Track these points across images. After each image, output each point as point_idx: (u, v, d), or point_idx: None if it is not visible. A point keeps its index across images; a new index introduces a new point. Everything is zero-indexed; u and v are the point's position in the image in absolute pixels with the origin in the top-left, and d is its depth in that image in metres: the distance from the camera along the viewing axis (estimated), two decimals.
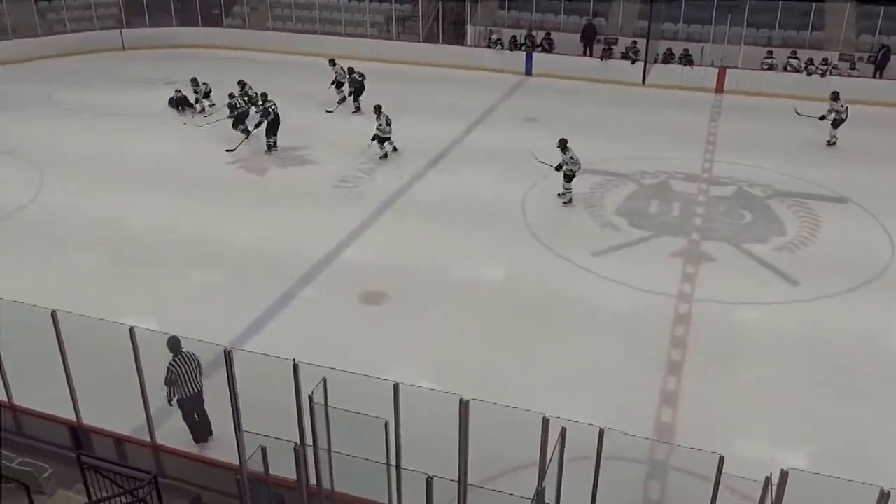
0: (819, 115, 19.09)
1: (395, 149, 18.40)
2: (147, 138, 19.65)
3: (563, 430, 6.27)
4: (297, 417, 6.94)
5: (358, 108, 21.94)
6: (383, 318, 11.80)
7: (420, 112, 21.58)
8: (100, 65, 27.24)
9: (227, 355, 7.05)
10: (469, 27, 27.66)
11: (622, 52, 25.42)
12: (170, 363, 8.61)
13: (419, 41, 27.82)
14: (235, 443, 6.96)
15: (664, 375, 10.44)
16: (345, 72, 22.43)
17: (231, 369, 7.10)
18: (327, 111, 21.73)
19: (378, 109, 18.28)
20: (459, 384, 7.25)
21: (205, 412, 8.94)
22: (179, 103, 21.68)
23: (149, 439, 8.45)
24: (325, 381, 6.80)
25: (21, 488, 6.61)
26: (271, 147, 18.66)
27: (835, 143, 19.08)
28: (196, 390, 8.77)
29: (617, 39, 25.90)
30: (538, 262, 13.49)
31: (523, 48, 26.22)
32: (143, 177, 17.22)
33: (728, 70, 24.15)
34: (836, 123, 19.02)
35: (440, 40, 27.58)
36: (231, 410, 7.24)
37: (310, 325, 11.51)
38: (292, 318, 11.74)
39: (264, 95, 19.11)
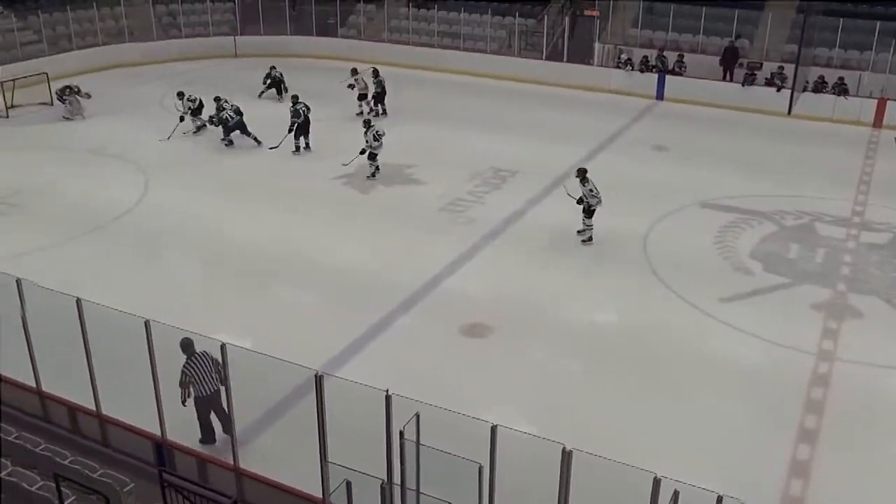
0: None
1: (378, 168, 18.46)
2: (254, 148, 20.49)
3: (676, 494, 6.10)
4: (385, 452, 7.01)
5: (384, 112, 22.91)
6: (484, 353, 11.81)
7: (539, 134, 21.65)
8: (212, 71, 28.69)
9: (318, 380, 7.22)
10: (597, 45, 27.60)
11: (767, 78, 24.76)
12: (183, 365, 9.01)
13: (542, 58, 27.95)
14: (320, 473, 7.08)
15: (795, 443, 9.99)
16: (366, 82, 23.05)
17: (321, 395, 7.25)
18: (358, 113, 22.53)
19: (367, 123, 18.64)
20: (561, 431, 7.15)
21: (223, 411, 9.13)
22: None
23: (232, 462, 8.73)
24: (418, 416, 6.85)
25: (101, 500, 6.94)
26: (301, 149, 19.62)
27: None
28: (213, 389, 9.07)
29: (761, 64, 25.25)
30: (658, 304, 13.21)
31: (655, 70, 25.93)
32: (246, 187, 17.95)
33: (889, 102, 23.11)
34: None
35: (565, 58, 27.62)
36: (318, 439, 7.39)
37: (406, 355, 11.64)
38: (388, 345, 11.92)
39: (295, 97, 20.13)
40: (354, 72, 23.45)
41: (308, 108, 20.00)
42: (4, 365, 10.16)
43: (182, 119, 21.31)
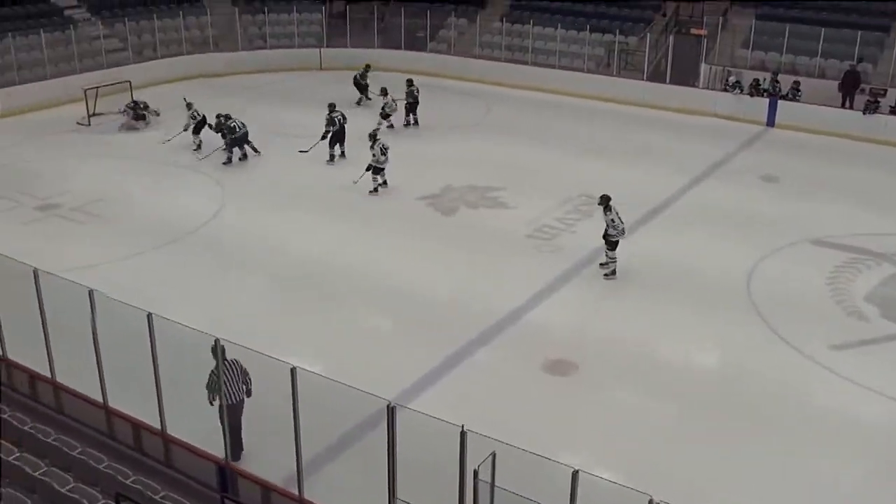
0: None
1: (384, 183, 18.74)
2: (324, 162, 20.82)
3: None
4: (458, 492, 6.97)
5: (416, 123, 23.63)
6: (567, 393, 11.66)
7: (636, 160, 21.41)
8: (296, 83, 29.41)
9: (391, 411, 7.23)
10: (703, 66, 27.21)
11: (891, 106, 23.97)
12: (213, 370, 9.27)
13: (643, 79, 27.70)
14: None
15: None
16: (394, 103, 23.32)
17: (392, 427, 7.26)
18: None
19: (373, 136, 18.81)
20: (647, 481, 6.97)
21: (240, 426, 9.48)
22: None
23: (297, 492, 8.80)
24: (494, 455, 6.79)
25: None
26: (335, 157, 20.29)
27: None
28: (238, 399, 9.40)
29: (885, 90, 24.47)
30: (761, 348, 12.83)
31: (766, 94, 25.40)
32: (324, 204, 18.26)
33: None
34: None
35: (667, 79, 27.31)
36: (387, 473, 7.39)
37: (483, 389, 11.59)
38: (465, 378, 11.88)
39: (331, 105, 20.89)
40: (385, 92, 23.64)
41: (344, 118, 20.57)
42: (71, 376, 10.54)
43: (185, 129, 21.97)
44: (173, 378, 9.54)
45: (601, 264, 15.21)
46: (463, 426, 6.85)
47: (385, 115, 23.37)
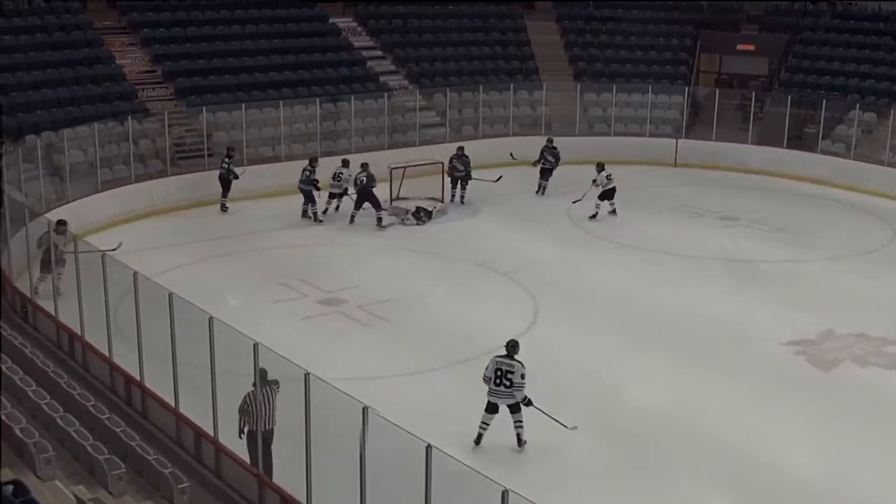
0: None
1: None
2: (683, 287, 20.76)
3: None
4: None
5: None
6: None
7: None
8: (643, 180, 29.73)
9: None
10: None
11: None
12: (248, 393, 11.77)
13: None
14: None
15: None
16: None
17: None
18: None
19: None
20: None
21: (270, 454, 11.90)
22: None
23: None
24: None
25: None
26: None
27: None
28: (268, 427, 11.86)
29: None
30: None
31: None
32: (665, 339, 18.00)
33: None
34: None
35: None
36: None
37: None
38: None
39: (364, 165, 24.18)
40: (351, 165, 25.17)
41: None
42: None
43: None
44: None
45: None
46: None
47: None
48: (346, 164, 25.20)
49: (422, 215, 24.98)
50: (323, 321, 18.33)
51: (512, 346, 13.92)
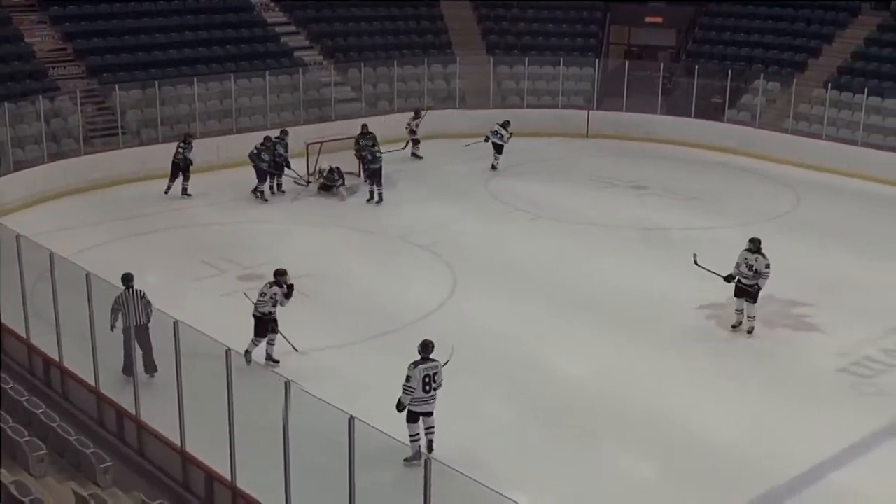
0: None
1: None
2: (595, 257, 21.02)
3: None
4: None
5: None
6: None
7: None
8: (555, 152, 30.00)
9: None
10: None
11: None
12: (117, 296, 13.68)
13: None
14: None
15: None
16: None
17: None
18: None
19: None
20: None
21: (149, 346, 13.96)
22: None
23: None
24: None
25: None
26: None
27: None
28: (140, 322, 13.83)
29: None
30: None
31: None
32: (581, 307, 18.29)
33: None
34: None
35: None
36: None
37: None
38: None
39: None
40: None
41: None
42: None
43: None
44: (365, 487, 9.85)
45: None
46: None
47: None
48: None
49: (336, 176, 25.15)
50: (243, 297, 18.22)
51: (425, 346, 12.96)
